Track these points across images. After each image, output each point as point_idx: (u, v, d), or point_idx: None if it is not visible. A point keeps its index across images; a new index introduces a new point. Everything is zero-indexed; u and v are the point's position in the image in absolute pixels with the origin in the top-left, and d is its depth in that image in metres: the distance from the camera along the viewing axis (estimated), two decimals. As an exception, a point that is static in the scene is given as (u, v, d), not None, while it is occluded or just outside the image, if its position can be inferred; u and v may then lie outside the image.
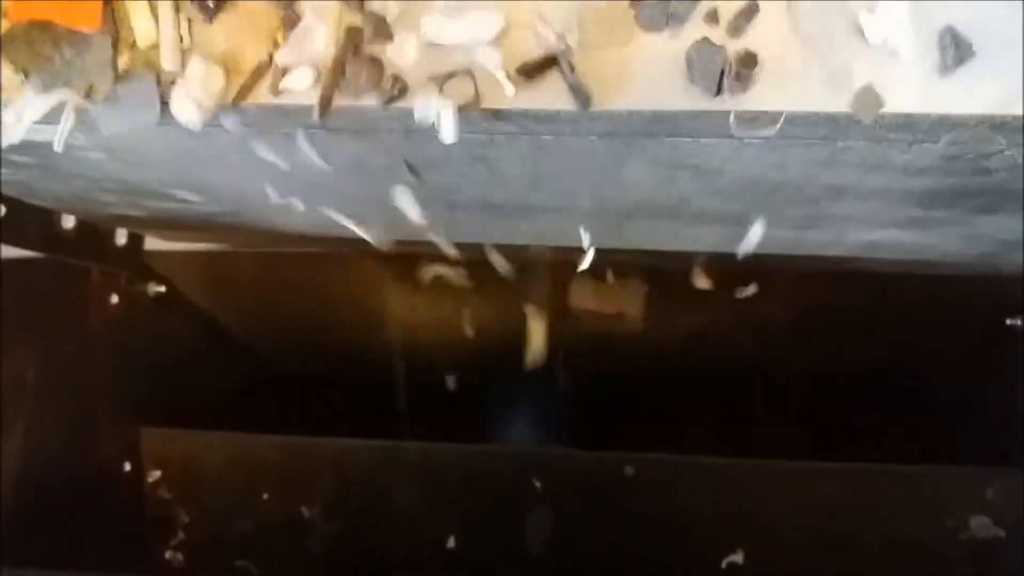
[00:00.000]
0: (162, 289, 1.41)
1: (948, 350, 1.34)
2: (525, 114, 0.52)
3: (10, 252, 1.06)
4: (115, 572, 1.27)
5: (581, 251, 0.91)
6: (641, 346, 1.41)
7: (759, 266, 1.27)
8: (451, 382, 1.44)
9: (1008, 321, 1.32)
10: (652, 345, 1.41)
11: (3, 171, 0.76)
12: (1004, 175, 0.59)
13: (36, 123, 0.60)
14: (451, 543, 1.37)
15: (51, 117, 0.58)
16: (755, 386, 1.37)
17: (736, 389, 1.37)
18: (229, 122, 0.56)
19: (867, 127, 0.51)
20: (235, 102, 0.55)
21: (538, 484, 1.36)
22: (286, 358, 1.50)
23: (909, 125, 0.51)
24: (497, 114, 0.52)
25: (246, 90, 0.55)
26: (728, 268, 1.26)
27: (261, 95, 0.55)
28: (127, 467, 1.39)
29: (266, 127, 0.57)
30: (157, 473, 1.43)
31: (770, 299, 1.37)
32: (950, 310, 1.33)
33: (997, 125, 0.50)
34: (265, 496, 1.42)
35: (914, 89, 0.50)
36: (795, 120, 0.51)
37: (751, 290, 1.26)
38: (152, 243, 1.35)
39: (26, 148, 0.67)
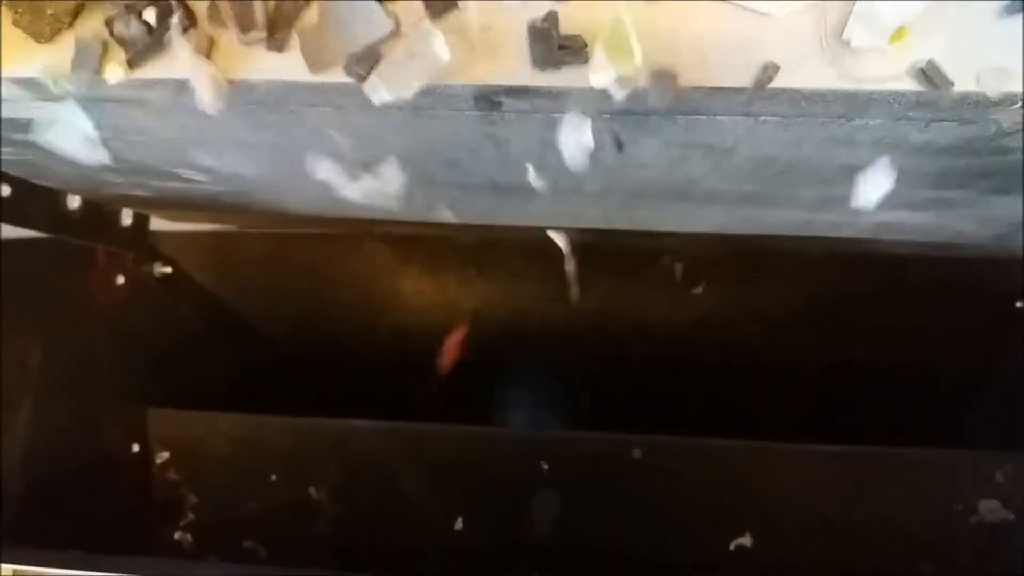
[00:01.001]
0: (168, 270, 1.40)
1: (956, 333, 1.33)
2: (537, 91, 0.51)
3: (14, 232, 1.06)
4: (123, 553, 1.27)
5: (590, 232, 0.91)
6: (649, 329, 1.41)
7: (767, 248, 1.27)
8: (457, 366, 1.44)
9: (1018, 304, 1.31)
10: (660, 328, 1.40)
11: (9, 152, 0.75)
12: (1020, 155, 0.58)
13: (38, 101, 0.60)
14: (458, 524, 1.37)
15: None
16: (764, 369, 1.36)
17: (745, 372, 1.37)
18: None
19: (886, 105, 0.50)
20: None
21: (545, 466, 1.36)
22: (293, 339, 1.50)
23: (929, 103, 0.50)
24: (509, 91, 0.51)
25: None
26: (737, 250, 1.25)
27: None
28: (135, 448, 1.39)
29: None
30: (165, 454, 1.43)
31: (778, 282, 1.36)
32: (958, 293, 1.31)
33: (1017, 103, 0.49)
34: (273, 477, 1.42)
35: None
36: (813, 98, 0.50)
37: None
38: (158, 223, 1.34)
39: (31, 126, 0.67)
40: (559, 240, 1.10)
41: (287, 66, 0.54)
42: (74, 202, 1.10)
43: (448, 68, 0.50)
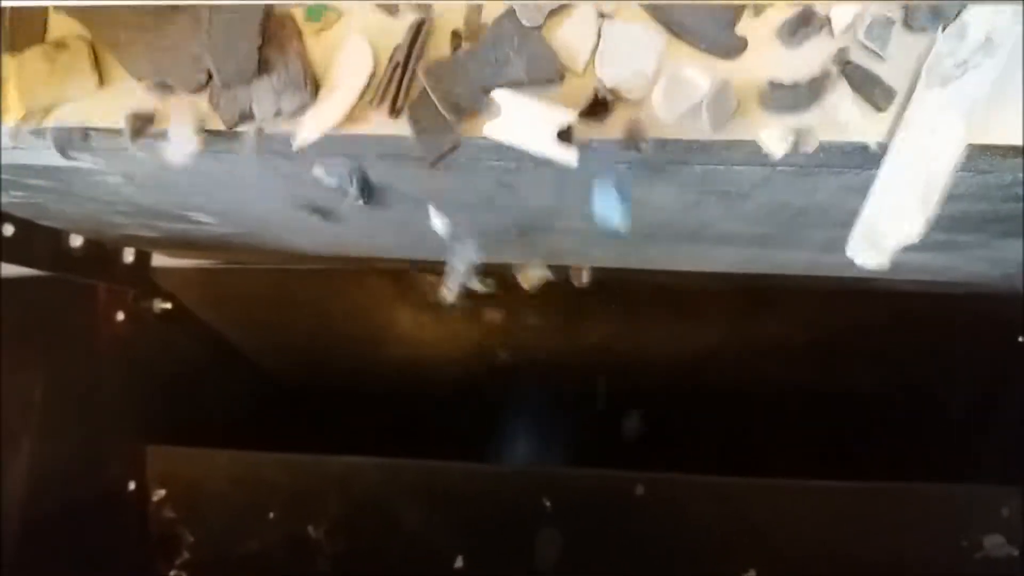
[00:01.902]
0: (168, 306, 1.39)
1: (961, 368, 1.33)
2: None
3: (15, 270, 1.05)
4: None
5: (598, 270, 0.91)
6: (653, 366, 1.40)
7: (773, 285, 1.27)
8: (459, 401, 1.43)
9: (1020, 339, 1.31)
10: (664, 364, 1.40)
11: (17, 194, 0.75)
12: (1032, 200, 0.58)
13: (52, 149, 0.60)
14: (459, 563, 1.35)
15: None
16: (768, 405, 1.36)
17: (748, 408, 1.36)
18: None
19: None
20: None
21: (547, 503, 1.35)
22: (292, 375, 1.49)
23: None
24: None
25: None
26: (744, 288, 1.26)
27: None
28: (132, 486, 1.38)
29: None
30: (162, 492, 1.42)
31: (783, 319, 1.36)
32: (963, 328, 1.32)
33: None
34: (271, 515, 1.40)
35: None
36: (831, 149, 0.50)
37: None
38: (158, 259, 1.34)
39: (46, 172, 0.67)
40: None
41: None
42: (76, 241, 1.09)
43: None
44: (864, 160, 0.52)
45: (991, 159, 0.50)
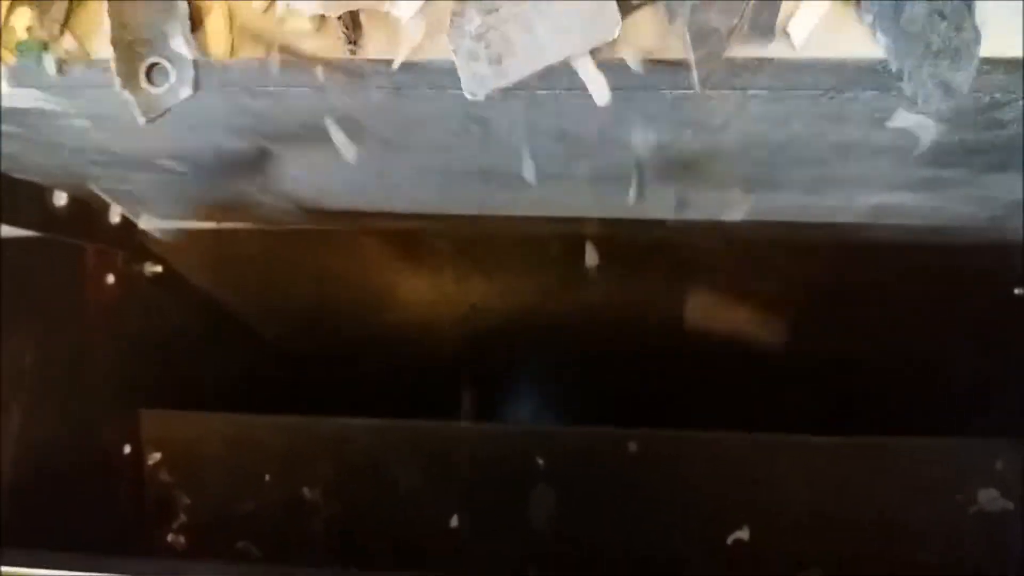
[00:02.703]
0: (159, 269, 1.39)
1: (955, 321, 1.32)
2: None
3: (4, 232, 1.05)
4: (117, 555, 1.26)
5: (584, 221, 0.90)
6: (645, 321, 1.40)
7: (762, 239, 1.26)
8: (453, 361, 1.43)
9: (1016, 291, 1.30)
10: (656, 319, 1.39)
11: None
12: (1016, 127, 0.57)
13: (18, 88, 0.59)
14: (454, 522, 1.36)
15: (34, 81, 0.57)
16: (760, 361, 1.35)
17: (741, 364, 1.36)
18: None
19: (875, 75, 0.49)
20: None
21: (541, 461, 1.34)
22: (285, 337, 1.49)
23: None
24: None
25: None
26: (733, 240, 1.24)
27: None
28: (127, 449, 1.38)
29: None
30: (157, 455, 1.42)
31: (774, 273, 1.35)
32: (957, 280, 1.30)
33: (1012, 69, 0.47)
34: (266, 477, 1.41)
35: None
36: (800, 68, 0.49)
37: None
38: (148, 222, 1.33)
39: (11, 116, 0.66)
40: None
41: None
42: (60, 199, 1.08)
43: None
44: (839, 82, 0.50)
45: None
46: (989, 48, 0.47)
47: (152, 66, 0.55)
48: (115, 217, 1.25)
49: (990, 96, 0.51)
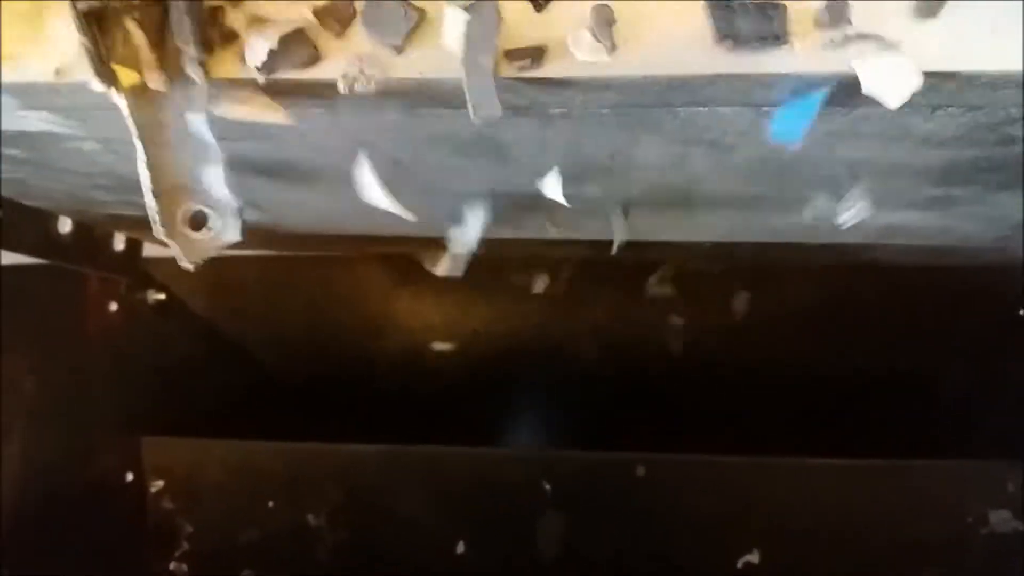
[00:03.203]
0: (162, 296, 1.39)
1: (961, 342, 1.32)
2: (531, 82, 0.49)
3: (6, 259, 1.05)
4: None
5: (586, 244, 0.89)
6: (651, 344, 1.39)
7: (766, 261, 1.26)
8: (458, 386, 1.42)
9: (1022, 311, 1.30)
10: (663, 343, 1.39)
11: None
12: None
13: (26, 111, 0.58)
14: (460, 548, 1.35)
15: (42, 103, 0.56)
16: (768, 384, 1.35)
17: (748, 387, 1.35)
18: None
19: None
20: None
21: (548, 487, 1.34)
22: (288, 363, 1.48)
23: (933, 88, 0.48)
24: (506, 85, 0.50)
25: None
26: (742, 265, 1.25)
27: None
28: (129, 477, 1.37)
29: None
30: (160, 483, 1.41)
31: (779, 295, 1.35)
32: (962, 302, 1.31)
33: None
34: (270, 504, 1.40)
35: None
36: (813, 82, 0.49)
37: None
38: (152, 250, 1.33)
39: (20, 140, 0.66)
40: None
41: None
42: (65, 226, 1.08)
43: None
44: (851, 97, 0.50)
45: (982, 91, 0.48)
46: (1003, 61, 0.46)
47: (194, 212, 0.54)
48: (119, 244, 1.25)
49: (1005, 111, 0.51)
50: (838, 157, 0.62)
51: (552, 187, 0.66)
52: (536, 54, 0.48)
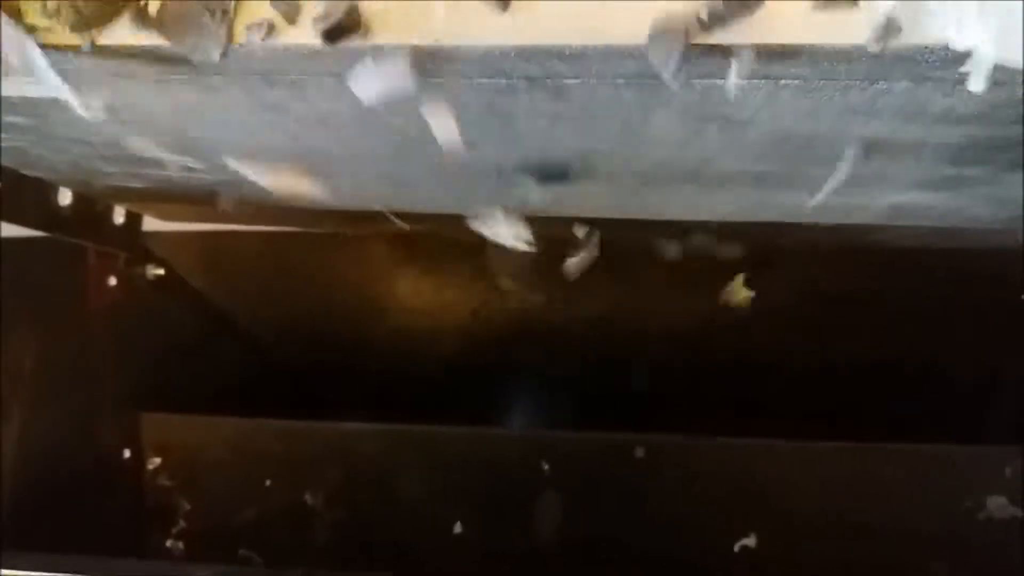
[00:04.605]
0: (161, 272, 1.38)
1: (963, 327, 1.32)
2: (549, 52, 0.49)
3: (4, 232, 1.04)
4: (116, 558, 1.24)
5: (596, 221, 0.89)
6: (651, 325, 1.39)
7: (770, 243, 1.25)
8: (457, 365, 1.42)
9: (1024, 296, 1.30)
10: (662, 324, 1.39)
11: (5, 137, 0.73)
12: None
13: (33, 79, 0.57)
14: (458, 528, 1.35)
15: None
16: (768, 366, 1.35)
17: (748, 369, 1.35)
18: None
19: (912, 64, 0.48)
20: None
21: (546, 467, 1.34)
22: (287, 341, 1.48)
23: (956, 59, 0.47)
24: (520, 52, 0.49)
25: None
26: (744, 247, 1.24)
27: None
28: (127, 454, 1.37)
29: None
30: (157, 460, 1.41)
31: (782, 278, 1.35)
32: (965, 286, 1.30)
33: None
34: (268, 483, 1.40)
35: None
36: (833, 56, 0.48)
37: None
38: (151, 224, 1.32)
39: (23, 108, 0.65)
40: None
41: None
42: (65, 198, 1.07)
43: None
44: (872, 70, 0.50)
45: (1006, 69, 0.47)
46: None
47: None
48: (119, 218, 1.24)
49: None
50: (853, 135, 0.61)
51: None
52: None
